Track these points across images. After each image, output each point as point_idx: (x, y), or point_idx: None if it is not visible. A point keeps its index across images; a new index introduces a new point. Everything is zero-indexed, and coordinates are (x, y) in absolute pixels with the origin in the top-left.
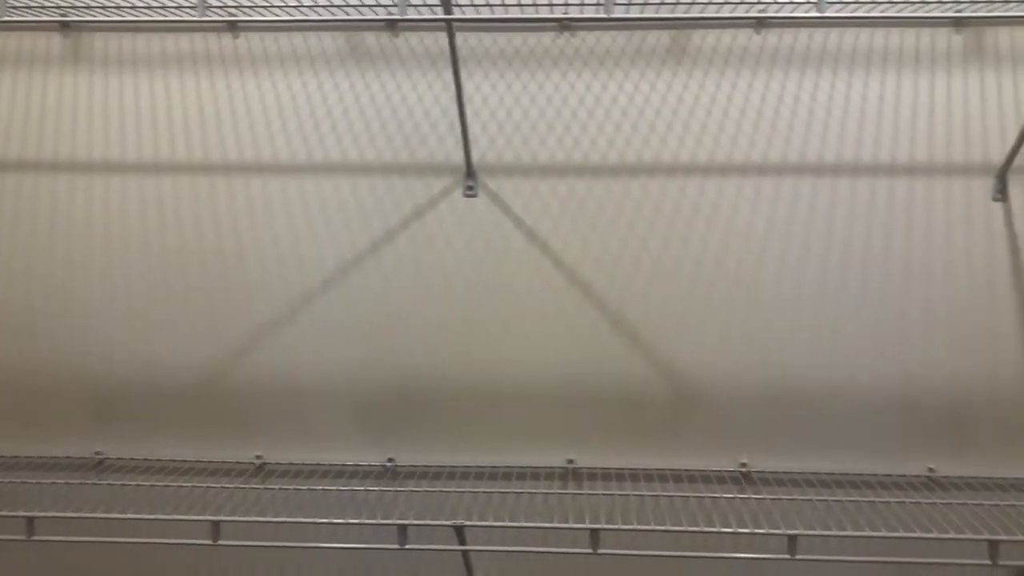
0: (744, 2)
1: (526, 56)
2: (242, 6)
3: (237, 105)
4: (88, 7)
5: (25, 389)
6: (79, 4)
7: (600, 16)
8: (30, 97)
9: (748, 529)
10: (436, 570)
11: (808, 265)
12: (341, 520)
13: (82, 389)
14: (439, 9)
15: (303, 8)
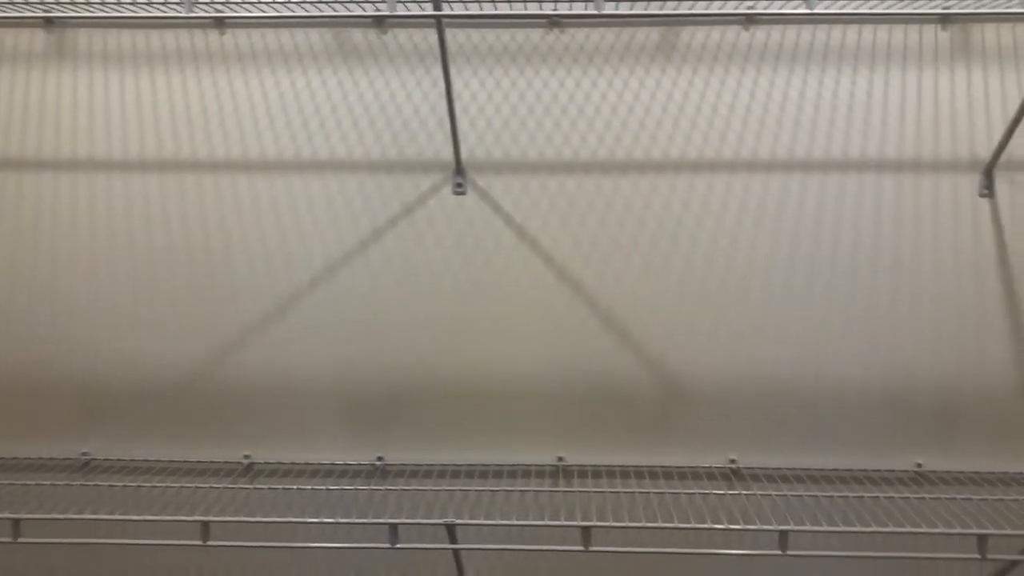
0: None
1: (515, 52)
2: (229, 2)
3: (224, 102)
4: (72, 3)
5: (10, 389)
6: (63, 0)
7: (590, 12)
8: (13, 94)
9: (739, 525)
10: (427, 569)
11: (797, 261)
12: (332, 519)
13: (68, 389)
14: (428, 5)
15: (290, 4)
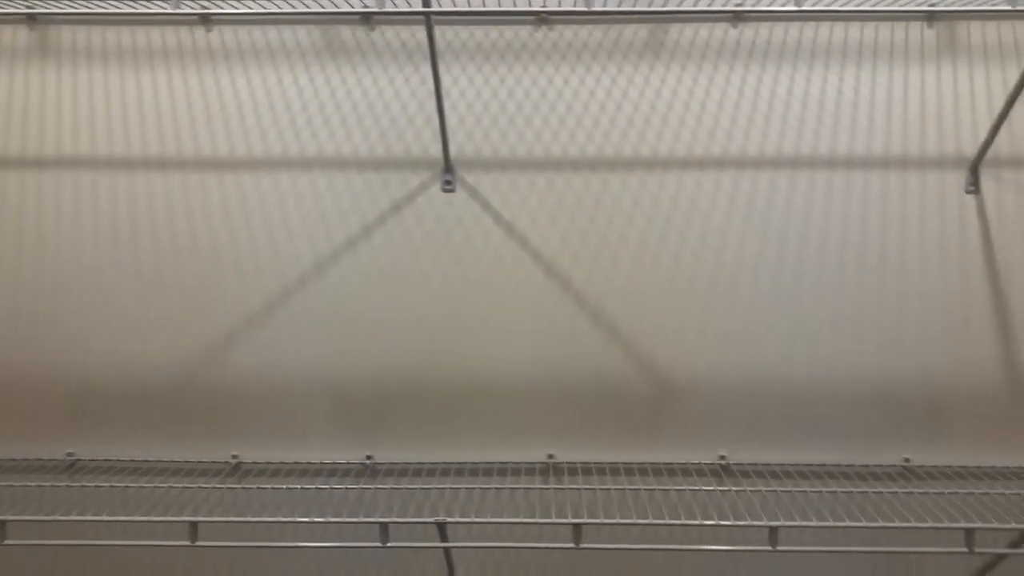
0: None
1: (503, 50)
2: None
3: (211, 100)
4: None
5: None
6: None
7: (578, 9)
8: None
9: (729, 521)
10: (417, 567)
11: (785, 258)
12: (322, 519)
13: (53, 389)
14: (417, 2)
15: (277, 0)
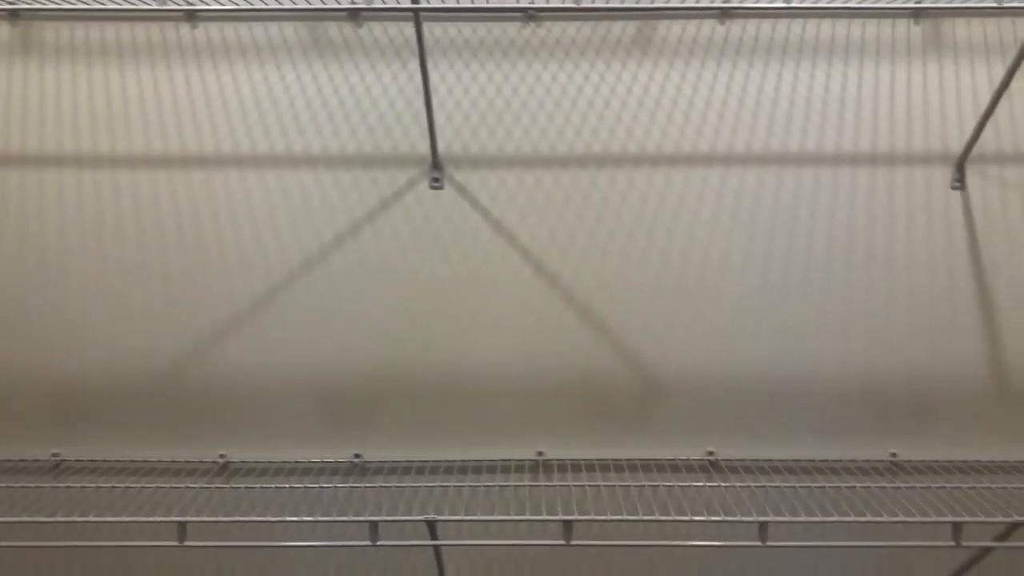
0: None
1: (491, 46)
2: None
3: (196, 97)
4: None
5: None
6: None
7: (566, 6)
8: None
9: (720, 517)
10: (407, 565)
11: (773, 255)
12: (312, 518)
13: (37, 389)
14: None
15: None
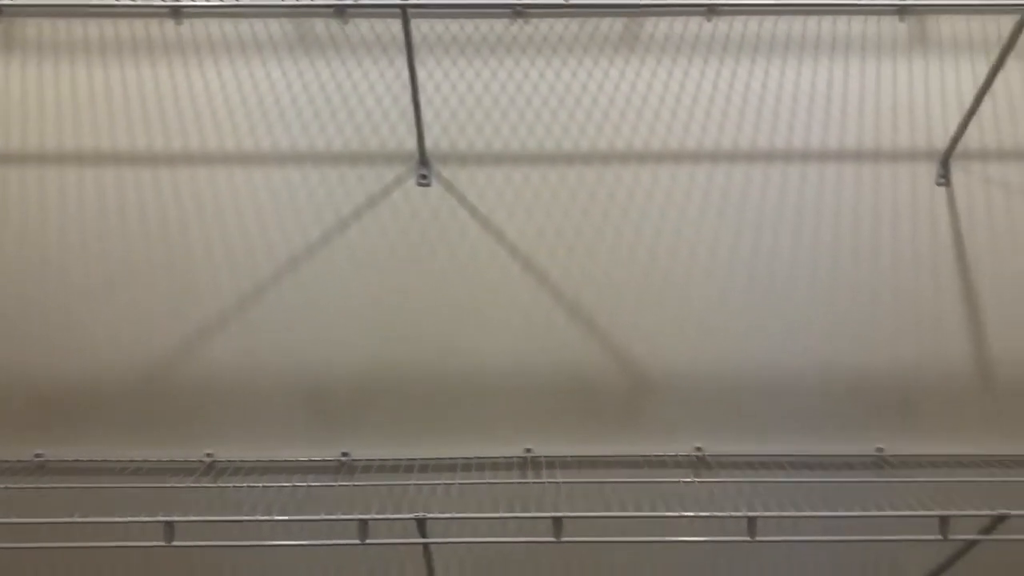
0: None
1: (479, 43)
2: None
3: (182, 94)
4: None
5: None
6: None
7: (554, 2)
8: None
9: (709, 512)
10: (396, 564)
11: (759, 251)
12: (301, 517)
13: (19, 388)
14: None
15: None
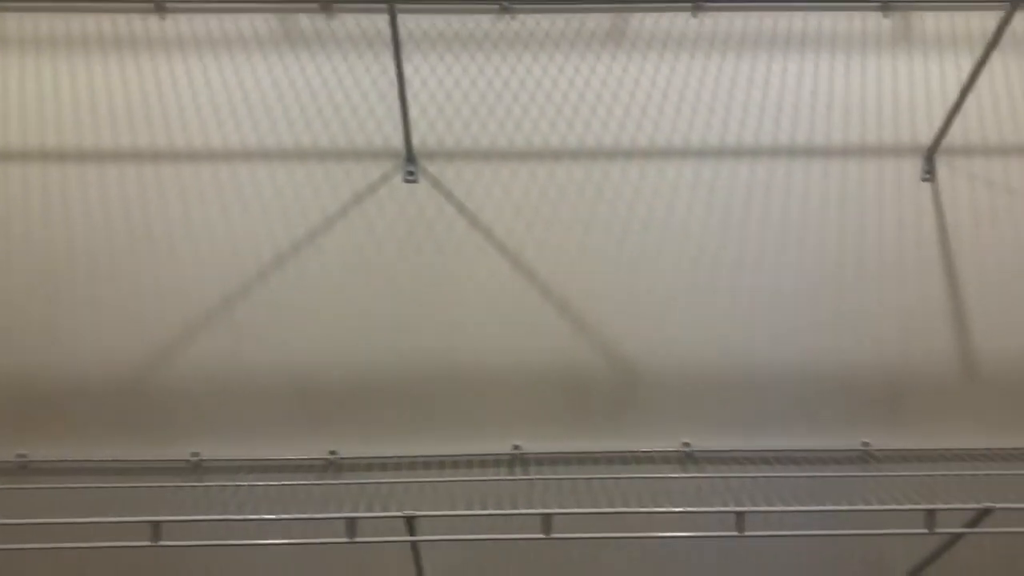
0: None
1: (466, 39)
2: None
3: (166, 90)
4: None
5: None
6: None
7: None
8: None
9: (698, 508)
10: (384, 562)
11: (746, 247)
12: (289, 516)
13: (1, 387)
14: None
15: None
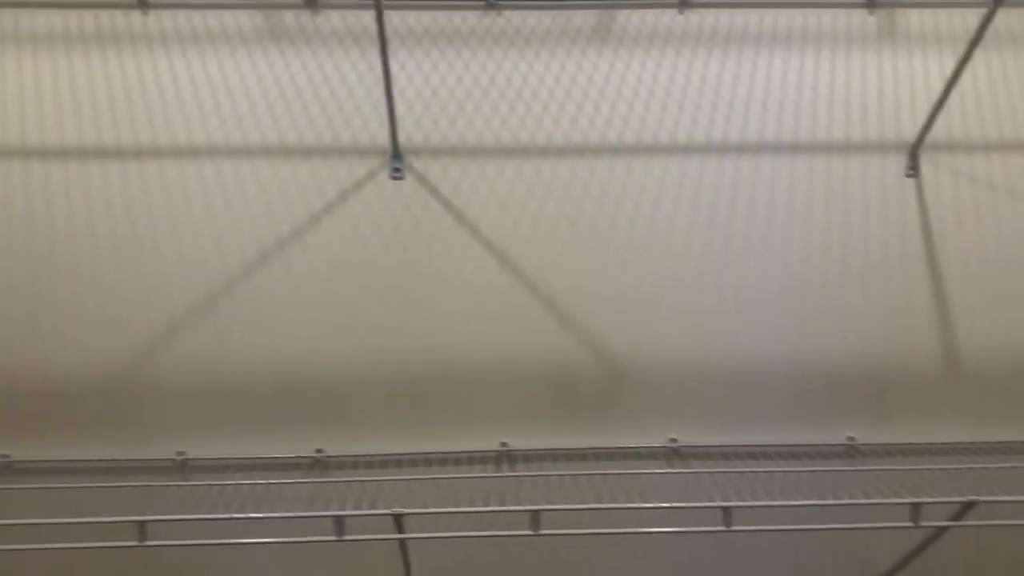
0: None
1: (452, 35)
2: None
3: (149, 87)
4: None
5: None
6: None
7: None
8: None
9: (685, 503)
10: (372, 560)
11: (732, 243)
12: (276, 515)
13: None
14: None
15: None
